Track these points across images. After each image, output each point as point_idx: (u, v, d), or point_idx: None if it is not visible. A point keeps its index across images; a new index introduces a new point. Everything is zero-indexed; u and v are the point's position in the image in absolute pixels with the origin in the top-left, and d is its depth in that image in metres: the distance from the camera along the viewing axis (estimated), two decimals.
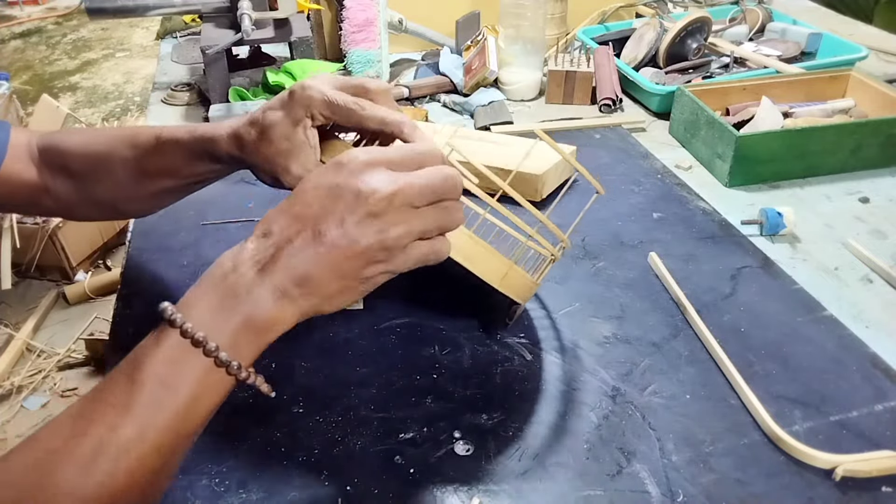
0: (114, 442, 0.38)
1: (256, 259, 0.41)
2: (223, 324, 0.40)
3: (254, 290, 0.41)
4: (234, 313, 0.40)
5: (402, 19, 1.25)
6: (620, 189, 0.91)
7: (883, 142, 0.94)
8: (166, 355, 0.39)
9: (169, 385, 0.39)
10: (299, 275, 0.41)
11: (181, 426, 0.40)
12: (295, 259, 0.41)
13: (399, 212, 0.41)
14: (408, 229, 0.42)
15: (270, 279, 0.41)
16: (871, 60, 1.26)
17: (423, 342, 0.67)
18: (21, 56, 3.88)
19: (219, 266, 0.42)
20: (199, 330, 0.39)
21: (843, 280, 0.76)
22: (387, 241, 0.41)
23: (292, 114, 0.54)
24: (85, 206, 0.66)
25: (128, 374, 0.40)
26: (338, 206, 0.41)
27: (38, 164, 0.64)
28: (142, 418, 0.38)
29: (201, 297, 0.41)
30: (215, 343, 0.40)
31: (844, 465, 0.53)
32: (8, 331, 1.87)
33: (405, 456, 0.56)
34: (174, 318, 0.40)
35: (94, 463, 0.37)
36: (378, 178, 0.41)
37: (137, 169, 0.61)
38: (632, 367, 0.64)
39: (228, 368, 0.40)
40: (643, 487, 0.53)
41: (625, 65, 1.17)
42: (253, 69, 1.21)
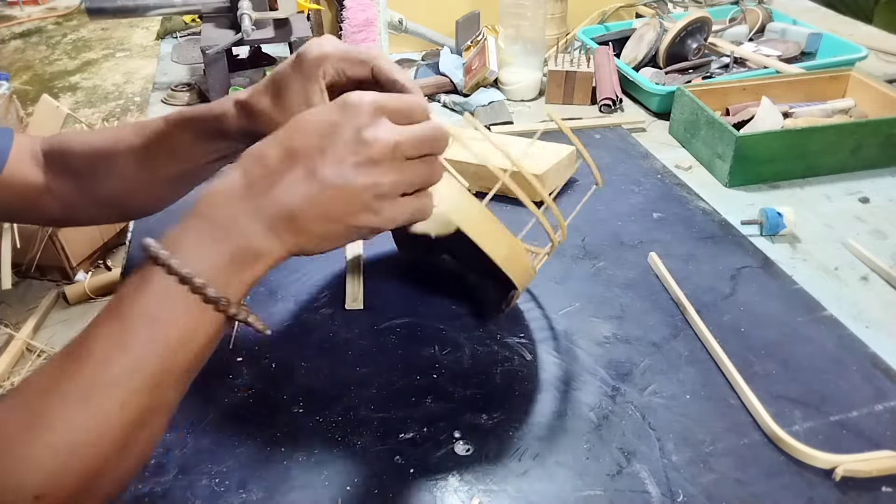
0: (105, 377, 0.37)
1: (244, 191, 0.40)
2: (210, 257, 0.39)
3: (241, 223, 0.40)
4: (221, 246, 0.40)
5: (402, 19, 1.25)
6: (620, 189, 0.91)
7: (883, 142, 0.94)
8: (153, 292, 0.38)
9: (158, 321, 0.38)
10: (288, 211, 0.40)
11: (173, 362, 0.39)
12: (285, 194, 0.40)
13: (395, 162, 0.41)
14: (401, 179, 0.42)
15: (259, 212, 0.40)
16: (871, 60, 1.26)
17: (423, 342, 0.67)
18: (21, 56, 3.88)
19: (205, 196, 0.41)
20: (186, 266, 0.38)
21: (843, 280, 0.76)
22: (381, 188, 0.41)
23: (306, 72, 0.52)
24: (90, 206, 0.65)
25: (116, 311, 0.39)
26: (338, 146, 0.40)
27: (42, 167, 0.64)
28: (132, 353, 0.38)
29: (186, 230, 0.40)
30: (202, 279, 0.39)
31: (844, 465, 0.53)
32: (8, 331, 1.87)
33: (405, 456, 0.56)
34: (158, 255, 0.39)
35: (87, 398, 0.37)
36: (382, 127, 0.41)
37: (143, 155, 0.60)
38: (632, 367, 0.64)
39: (217, 305, 0.39)
40: (643, 487, 0.53)
41: (625, 65, 1.17)
42: (253, 69, 1.21)
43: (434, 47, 1.33)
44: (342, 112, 0.41)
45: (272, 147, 0.41)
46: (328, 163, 0.40)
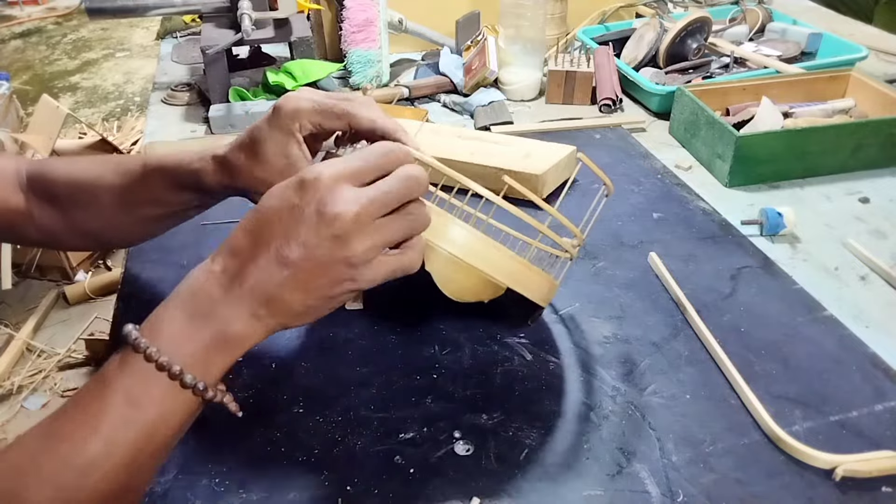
0: (80, 458, 0.38)
1: (223, 279, 0.41)
2: (190, 344, 0.40)
3: (220, 310, 0.41)
4: (200, 333, 0.41)
5: (402, 19, 1.25)
6: (620, 189, 0.91)
7: (883, 142, 0.94)
8: (132, 376, 0.39)
9: (135, 404, 0.39)
10: (266, 296, 0.41)
11: (149, 444, 0.40)
12: (261, 280, 0.41)
13: (362, 228, 0.41)
14: (372, 244, 0.41)
15: (237, 298, 0.41)
16: (871, 60, 1.26)
17: (423, 342, 0.67)
18: (21, 56, 3.88)
19: (186, 285, 0.42)
20: (164, 354, 0.39)
21: (843, 280, 0.76)
22: (351, 259, 0.41)
23: (283, 127, 0.53)
24: (69, 235, 0.64)
25: (95, 392, 0.40)
26: (300, 229, 0.40)
27: (25, 191, 0.63)
28: (108, 436, 0.38)
29: (169, 316, 0.41)
30: (179, 366, 0.39)
31: (844, 465, 0.53)
32: (8, 331, 1.87)
33: (405, 456, 0.56)
34: (138, 343, 0.39)
35: (60, 479, 0.37)
36: (340, 200, 0.40)
37: (123, 197, 0.60)
38: (632, 367, 0.64)
39: (194, 389, 0.40)
40: (643, 487, 0.53)
41: (625, 65, 1.17)
42: (253, 69, 1.21)
43: (434, 47, 1.33)
44: (300, 192, 0.41)
45: (242, 237, 0.42)
46: (293, 246, 0.40)
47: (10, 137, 1.84)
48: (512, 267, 0.52)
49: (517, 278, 0.52)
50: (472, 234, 0.50)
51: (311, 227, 0.40)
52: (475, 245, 0.50)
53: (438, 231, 0.49)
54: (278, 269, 0.40)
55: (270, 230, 0.41)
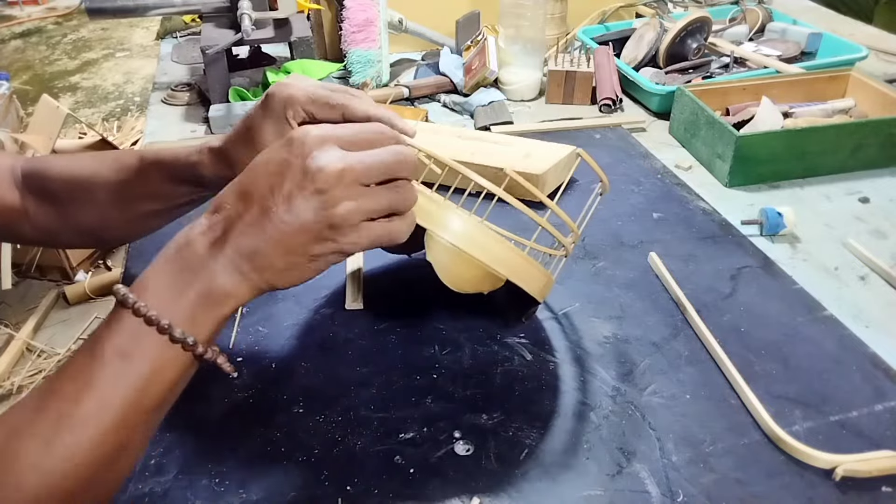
0: (75, 415, 0.38)
1: (208, 235, 0.42)
2: (177, 299, 0.41)
3: (207, 265, 0.41)
4: (187, 288, 0.41)
5: (402, 19, 1.25)
6: (620, 189, 0.91)
7: (883, 142, 0.94)
8: (123, 333, 0.40)
9: (126, 359, 0.39)
10: (249, 250, 0.41)
11: (143, 400, 0.40)
12: (244, 235, 0.41)
13: (347, 189, 0.41)
14: (355, 206, 0.41)
15: (222, 254, 0.41)
16: (871, 60, 1.26)
17: (423, 342, 0.67)
18: (21, 56, 3.88)
19: (173, 242, 0.42)
20: (152, 308, 0.40)
21: (843, 280, 0.76)
22: (333, 217, 0.41)
23: (275, 113, 0.54)
24: (66, 232, 0.65)
25: (88, 350, 0.40)
26: (285, 183, 0.41)
27: (21, 189, 0.63)
28: (102, 392, 0.39)
29: (156, 274, 0.42)
30: (168, 320, 0.40)
31: (844, 465, 0.53)
32: (8, 331, 1.87)
33: (405, 456, 0.56)
34: (126, 298, 0.40)
35: (55, 436, 0.38)
36: (327, 156, 0.41)
37: (120, 192, 0.61)
38: (632, 367, 0.64)
39: (184, 344, 0.40)
40: (643, 487, 0.53)
41: (625, 65, 1.17)
42: (253, 69, 1.21)
43: (434, 47, 1.33)
44: (288, 148, 0.41)
45: (228, 195, 0.42)
46: (278, 200, 0.41)
47: (10, 137, 1.84)
48: (512, 259, 0.52)
49: (516, 271, 0.52)
50: (472, 224, 0.50)
51: (296, 180, 0.40)
52: (475, 235, 0.50)
53: (438, 220, 0.49)
54: (261, 223, 0.41)
55: (257, 185, 0.41)
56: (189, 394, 0.49)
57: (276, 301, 0.72)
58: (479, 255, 0.51)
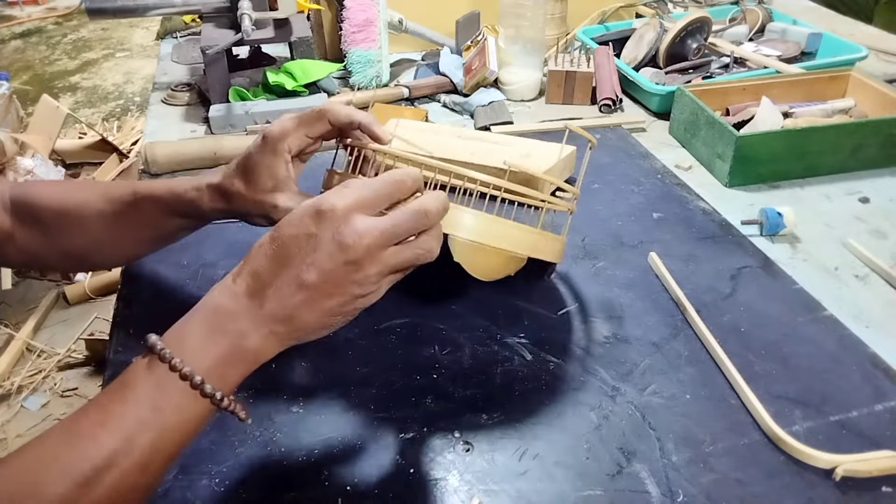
0: (99, 455, 0.40)
1: (244, 299, 0.44)
2: (210, 356, 0.43)
3: (241, 326, 0.44)
4: (221, 346, 0.43)
5: (402, 19, 1.25)
6: (620, 189, 0.91)
7: (883, 142, 0.94)
8: (156, 382, 0.42)
9: (156, 408, 0.42)
10: (284, 315, 0.44)
11: (165, 446, 0.42)
12: (280, 301, 0.44)
13: (374, 256, 0.44)
14: (381, 269, 0.45)
15: (257, 317, 0.44)
16: (871, 60, 1.26)
17: (423, 342, 0.67)
18: (21, 56, 3.88)
19: (209, 300, 0.45)
20: (187, 365, 0.42)
21: (843, 280, 0.76)
22: (365, 282, 0.44)
23: (272, 150, 0.58)
24: (52, 256, 0.66)
25: (117, 395, 0.42)
26: (318, 256, 0.43)
27: (8, 212, 0.64)
28: (128, 436, 0.41)
29: (191, 329, 0.44)
30: (200, 377, 0.42)
31: (844, 465, 0.53)
32: (8, 331, 1.87)
33: (405, 456, 0.56)
34: (164, 354, 0.42)
35: (78, 473, 0.39)
36: (355, 230, 0.43)
37: (112, 223, 0.62)
38: (632, 367, 0.64)
39: (212, 399, 0.43)
40: (643, 487, 0.53)
41: (625, 65, 1.17)
42: (253, 69, 1.21)
43: (434, 47, 1.33)
44: (317, 222, 0.44)
45: (263, 261, 0.45)
46: (311, 272, 0.43)
47: (10, 137, 1.84)
48: (529, 238, 0.56)
49: (536, 247, 0.57)
50: (484, 217, 0.53)
51: (327, 254, 0.43)
52: (491, 227, 0.54)
53: (453, 222, 0.52)
54: (296, 291, 0.44)
55: (289, 255, 0.44)
56: None
57: None
58: (498, 242, 0.54)
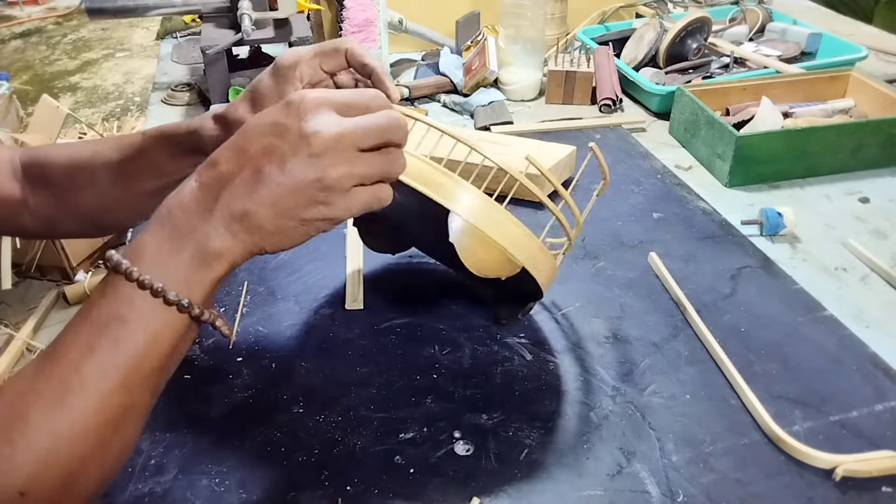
0: (76, 380, 0.39)
1: (199, 196, 0.42)
2: (170, 262, 0.41)
3: (198, 227, 0.41)
4: (180, 251, 0.41)
5: (402, 19, 1.25)
6: (620, 189, 0.91)
7: (883, 142, 0.94)
8: (118, 298, 0.40)
9: (124, 324, 0.40)
10: (240, 211, 0.41)
11: (143, 363, 0.40)
12: (235, 195, 0.41)
13: (342, 154, 0.41)
14: (349, 171, 0.42)
15: (213, 215, 0.41)
16: (871, 60, 1.26)
17: (423, 342, 0.67)
18: (21, 56, 3.88)
19: (164, 205, 0.42)
20: (146, 273, 0.40)
21: (843, 280, 0.76)
22: (326, 180, 0.41)
23: (282, 76, 0.55)
24: (66, 220, 0.64)
25: (84, 317, 0.41)
26: (281, 145, 0.41)
27: (20, 179, 0.63)
28: (101, 357, 0.39)
29: (148, 237, 0.42)
30: (161, 283, 0.40)
31: (844, 465, 0.53)
32: (8, 331, 1.87)
33: (405, 456, 0.56)
34: (119, 264, 0.40)
35: (60, 400, 0.38)
36: (323, 120, 0.41)
37: (121, 170, 0.61)
38: (632, 367, 0.64)
39: (179, 306, 0.40)
40: (643, 487, 0.53)
41: (625, 65, 1.17)
42: (253, 69, 1.21)
43: (434, 47, 1.33)
44: (285, 110, 0.41)
45: (223, 152, 0.42)
46: (273, 161, 0.41)
47: (10, 137, 1.84)
48: (526, 242, 0.52)
49: (532, 254, 0.52)
50: (484, 200, 0.50)
51: (290, 143, 0.41)
52: (489, 211, 0.50)
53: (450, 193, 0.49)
54: (255, 184, 0.41)
55: (251, 145, 0.41)
56: (189, 394, 0.49)
57: (276, 301, 0.72)
58: (494, 232, 0.50)
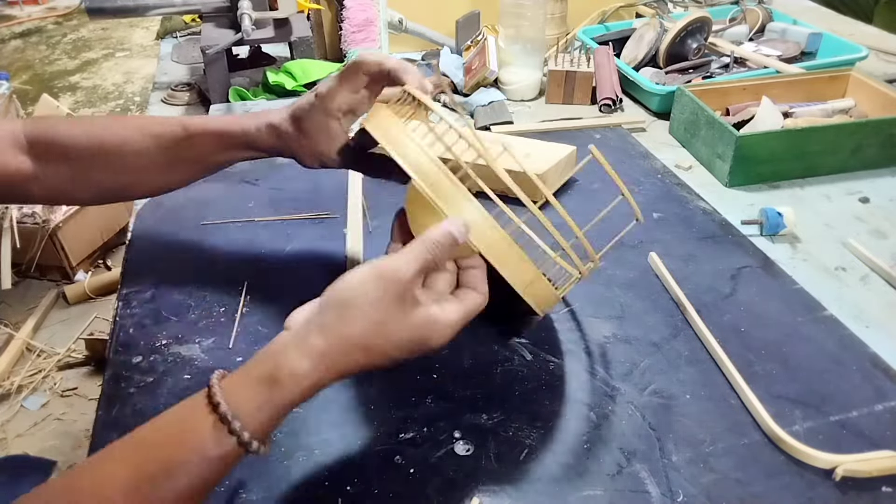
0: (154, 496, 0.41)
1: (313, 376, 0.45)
2: (261, 414, 0.43)
3: (300, 394, 0.45)
4: (274, 406, 0.44)
5: (402, 19, 1.25)
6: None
7: (883, 142, 0.94)
8: (209, 436, 0.42)
9: (206, 460, 0.42)
10: (345, 374, 0.46)
11: (202, 488, 0.43)
12: (346, 366, 0.46)
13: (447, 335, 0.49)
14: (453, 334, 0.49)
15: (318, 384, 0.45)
16: (871, 60, 1.26)
17: None
18: (21, 56, 3.88)
19: (273, 361, 0.45)
20: (237, 420, 0.42)
21: (843, 280, 0.76)
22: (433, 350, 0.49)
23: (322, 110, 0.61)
24: (82, 192, 0.66)
25: (176, 437, 0.43)
26: (410, 355, 0.48)
27: (26, 152, 0.64)
28: (175, 479, 0.41)
29: (251, 385, 0.44)
30: (248, 434, 0.43)
31: (844, 465, 0.53)
32: (8, 331, 1.87)
33: (405, 456, 0.56)
34: (225, 415, 0.42)
35: None
36: (439, 334, 0.48)
37: (160, 157, 0.63)
38: (632, 367, 0.64)
39: (248, 448, 0.43)
40: (643, 487, 0.53)
41: (625, 65, 1.17)
42: (253, 69, 1.21)
43: (434, 47, 1.33)
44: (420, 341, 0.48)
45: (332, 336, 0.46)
46: (387, 349, 0.47)
47: None
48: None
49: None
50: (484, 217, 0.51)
51: (411, 349, 0.47)
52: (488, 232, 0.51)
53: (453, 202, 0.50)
54: (363, 357, 0.46)
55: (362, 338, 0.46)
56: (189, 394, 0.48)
57: (276, 301, 0.72)
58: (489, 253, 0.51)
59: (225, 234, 0.82)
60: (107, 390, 0.62)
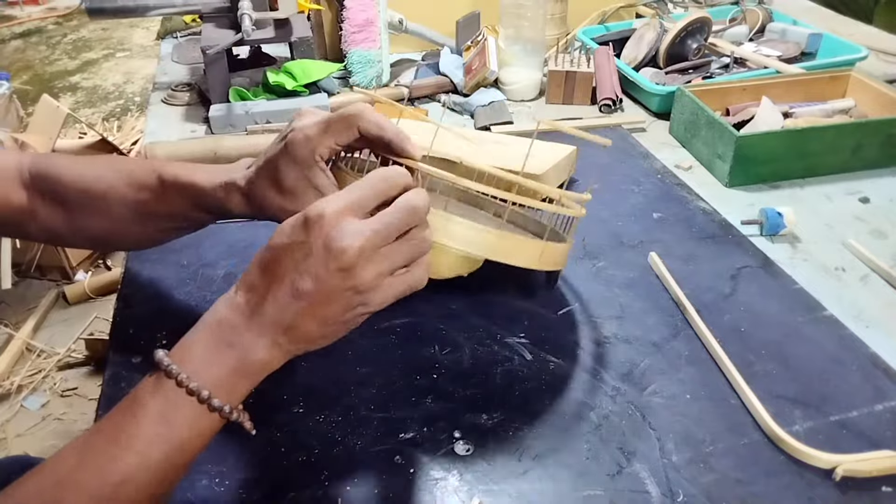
0: (116, 472, 0.41)
1: (245, 310, 0.44)
2: (216, 370, 0.44)
3: (244, 339, 0.44)
4: (226, 360, 0.44)
5: (402, 19, 1.25)
6: (620, 189, 0.91)
7: (883, 142, 0.94)
8: (165, 399, 0.43)
9: (167, 424, 0.43)
10: (285, 325, 0.44)
11: (178, 460, 0.43)
12: (278, 312, 0.44)
13: (369, 259, 0.43)
14: (378, 272, 0.44)
15: (259, 328, 0.44)
16: (871, 60, 1.26)
17: (423, 342, 0.67)
18: (21, 56, 3.88)
19: (212, 314, 0.45)
20: (194, 380, 0.43)
21: (843, 280, 0.76)
22: (360, 286, 0.44)
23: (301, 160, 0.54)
24: (74, 236, 0.64)
25: (129, 412, 0.43)
26: (310, 263, 0.43)
27: (28, 188, 0.62)
28: (142, 452, 0.42)
29: (196, 344, 0.44)
30: (208, 391, 0.43)
31: (844, 465, 0.53)
32: (8, 331, 1.87)
33: (405, 456, 0.56)
34: (170, 369, 0.43)
35: (97, 491, 0.41)
36: (345, 234, 0.42)
37: (138, 210, 0.61)
38: (632, 367, 0.64)
39: (220, 412, 0.43)
40: (643, 487, 0.53)
41: (625, 65, 1.17)
42: (253, 69, 1.21)
43: (434, 47, 1.33)
44: (307, 230, 0.43)
45: (257, 273, 0.45)
46: (306, 280, 0.43)
47: (10, 137, 1.84)
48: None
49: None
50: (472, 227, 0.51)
51: (320, 261, 0.43)
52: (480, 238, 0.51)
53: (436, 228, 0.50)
54: (294, 301, 0.43)
55: (282, 265, 0.44)
56: None
57: None
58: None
59: (225, 234, 0.82)
60: (107, 390, 0.62)
